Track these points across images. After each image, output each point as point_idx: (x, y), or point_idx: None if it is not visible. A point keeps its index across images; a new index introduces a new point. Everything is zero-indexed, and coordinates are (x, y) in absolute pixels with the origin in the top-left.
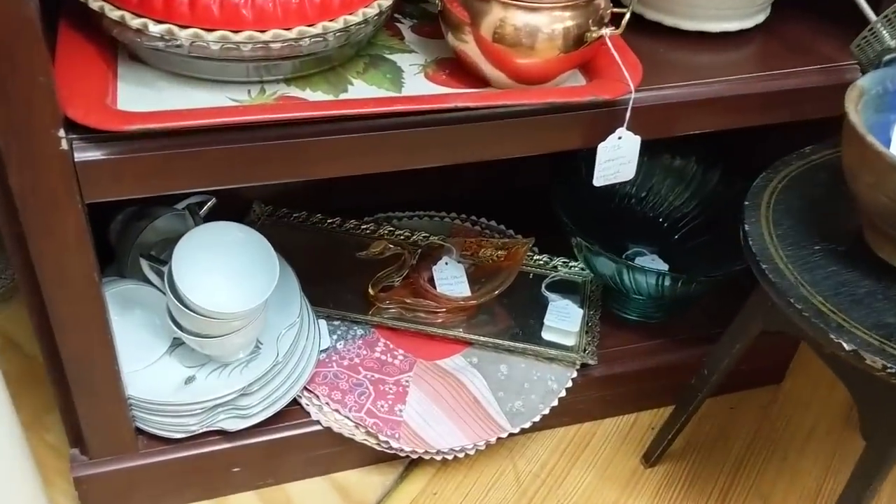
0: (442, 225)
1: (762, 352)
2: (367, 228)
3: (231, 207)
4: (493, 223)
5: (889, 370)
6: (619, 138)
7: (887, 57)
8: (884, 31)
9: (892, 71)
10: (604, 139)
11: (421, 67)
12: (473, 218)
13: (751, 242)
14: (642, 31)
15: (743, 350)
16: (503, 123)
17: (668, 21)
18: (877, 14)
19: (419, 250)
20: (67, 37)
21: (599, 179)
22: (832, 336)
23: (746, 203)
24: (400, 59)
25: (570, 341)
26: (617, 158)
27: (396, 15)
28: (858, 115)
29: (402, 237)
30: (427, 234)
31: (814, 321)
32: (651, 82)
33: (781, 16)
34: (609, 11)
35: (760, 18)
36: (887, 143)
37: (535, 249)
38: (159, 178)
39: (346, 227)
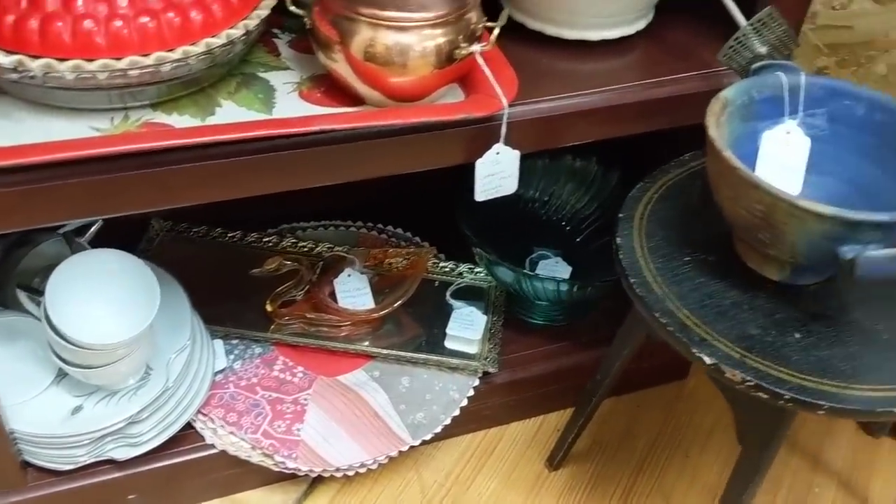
0: (348, 234)
1: (664, 348)
2: (269, 241)
3: (128, 225)
4: (399, 231)
5: (748, 383)
6: (497, 153)
7: (756, 65)
8: (753, 39)
9: (758, 80)
10: (481, 155)
11: (296, 86)
12: (380, 226)
13: (621, 256)
14: (525, 40)
15: (633, 354)
16: (377, 142)
17: (550, 30)
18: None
19: (321, 262)
20: None
21: (481, 195)
22: (694, 350)
23: (621, 215)
24: (274, 77)
25: (472, 349)
26: (497, 173)
27: (274, 29)
28: (720, 128)
29: (304, 249)
30: (331, 245)
31: (677, 335)
32: (530, 95)
33: (663, 21)
34: (482, 26)
35: (642, 25)
36: (755, 151)
37: (441, 256)
38: (18, 214)
39: (247, 240)
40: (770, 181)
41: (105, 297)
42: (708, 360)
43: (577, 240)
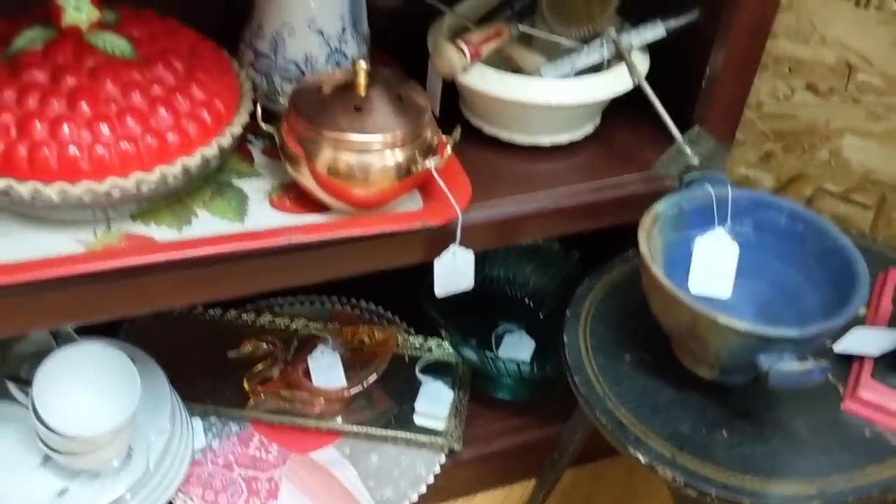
0: (322, 309)
1: None
2: (247, 318)
3: None
4: (371, 305)
5: (678, 482)
6: (454, 254)
7: (687, 176)
8: (686, 151)
9: (688, 193)
10: (439, 255)
11: (266, 193)
12: (353, 301)
13: (567, 354)
14: (481, 143)
15: (585, 436)
16: (341, 248)
17: (504, 135)
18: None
19: (295, 340)
20: None
21: (440, 290)
22: (630, 449)
23: (567, 312)
24: (247, 184)
25: (440, 425)
26: (454, 272)
27: (249, 135)
28: (651, 240)
29: (281, 326)
30: (306, 322)
31: (615, 435)
32: (484, 197)
33: (610, 124)
34: (437, 140)
35: (590, 129)
36: (688, 255)
37: (411, 330)
38: (3, 324)
39: (226, 317)
40: (702, 284)
41: (89, 389)
42: (643, 459)
43: (541, 315)
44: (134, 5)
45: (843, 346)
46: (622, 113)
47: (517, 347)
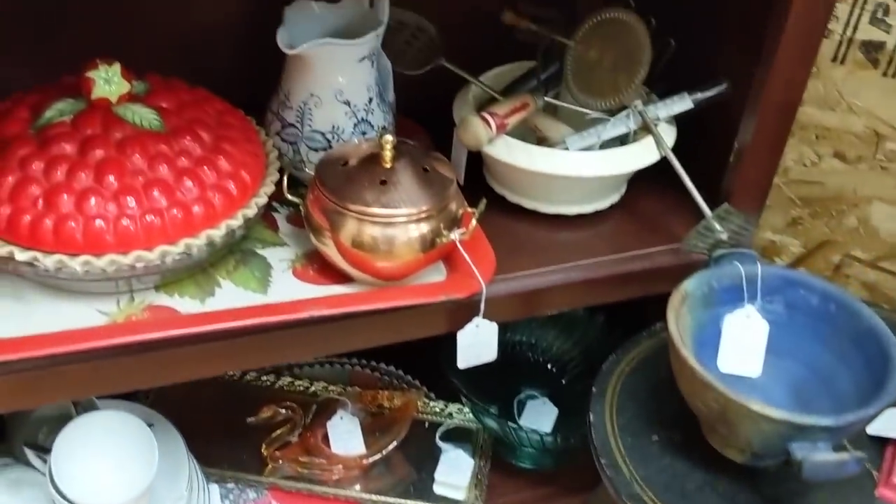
0: (342, 372)
1: None
2: (267, 380)
3: None
4: (391, 368)
5: None
6: (477, 326)
7: (716, 253)
8: (715, 228)
9: (717, 271)
10: (462, 327)
11: (290, 263)
12: (372, 363)
13: (593, 434)
14: (504, 211)
15: None
16: (364, 319)
17: (528, 204)
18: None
19: (314, 406)
20: None
21: (463, 363)
22: None
23: (594, 390)
24: (271, 253)
25: (460, 495)
26: (477, 344)
27: (274, 203)
28: (680, 320)
29: (300, 388)
30: (325, 385)
31: None
32: (508, 269)
33: (637, 192)
34: (462, 211)
35: (616, 198)
36: (718, 333)
37: (432, 395)
38: (24, 396)
39: (245, 379)
40: (732, 363)
41: (107, 458)
42: None
43: (564, 381)
44: (165, 73)
45: (876, 428)
46: (648, 180)
47: (540, 415)
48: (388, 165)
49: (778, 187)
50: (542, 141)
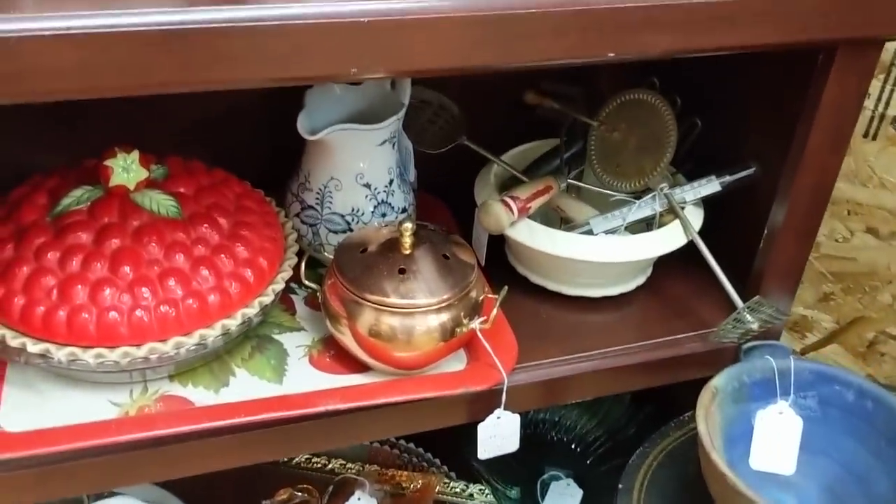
0: (360, 448)
1: None
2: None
3: None
4: (411, 446)
5: None
6: (498, 418)
7: (747, 345)
8: (746, 318)
9: (748, 365)
10: (483, 418)
11: (306, 349)
12: (392, 440)
13: None
14: (527, 292)
15: None
16: (382, 410)
17: (551, 286)
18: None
19: (332, 486)
20: None
21: (483, 454)
22: None
23: (620, 486)
24: (287, 339)
25: None
26: (498, 435)
27: (292, 284)
28: (710, 417)
29: (317, 465)
30: (344, 462)
31: None
32: (530, 357)
33: (663, 273)
34: (483, 297)
35: (641, 280)
36: (749, 430)
37: (452, 475)
38: (31, 492)
39: None
40: (765, 460)
41: None
42: None
43: (589, 461)
44: (186, 151)
45: None
46: (675, 260)
47: (564, 496)
48: (407, 252)
49: (809, 262)
50: (566, 221)
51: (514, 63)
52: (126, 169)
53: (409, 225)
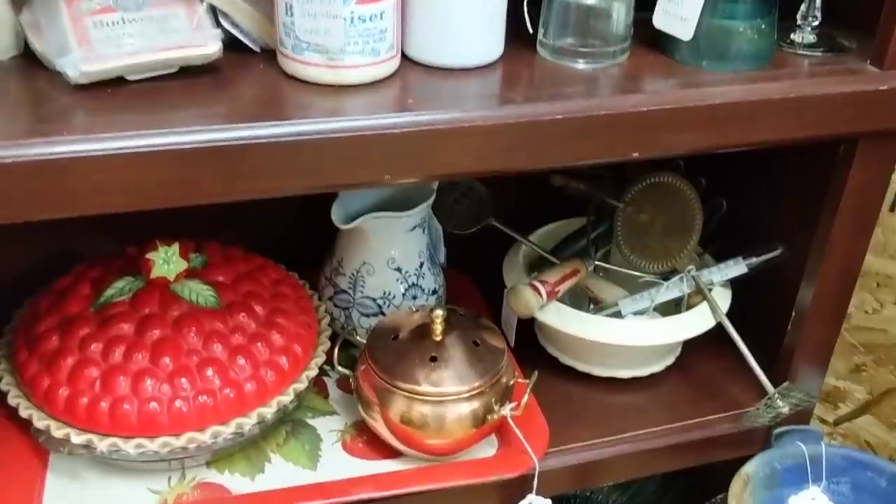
0: None
1: None
2: None
3: None
4: None
5: None
6: (530, 503)
7: (778, 430)
8: (777, 403)
9: (779, 451)
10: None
11: (339, 434)
12: None
13: None
14: (557, 373)
15: None
16: (414, 497)
17: (581, 367)
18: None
19: None
20: None
21: None
22: None
23: None
24: (321, 423)
25: None
26: None
27: (325, 366)
28: None
29: None
30: None
31: None
32: (561, 440)
33: (692, 354)
34: (514, 382)
35: (671, 360)
36: None
37: None
38: None
39: None
40: None
41: None
42: None
43: None
44: (222, 235)
45: None
46: (704, 340)
47: None
48: (438, 339)
49: (841, 334)
50: (594, 301)
51: (543, 165)
52: (166, 261)
53: (440, 312)
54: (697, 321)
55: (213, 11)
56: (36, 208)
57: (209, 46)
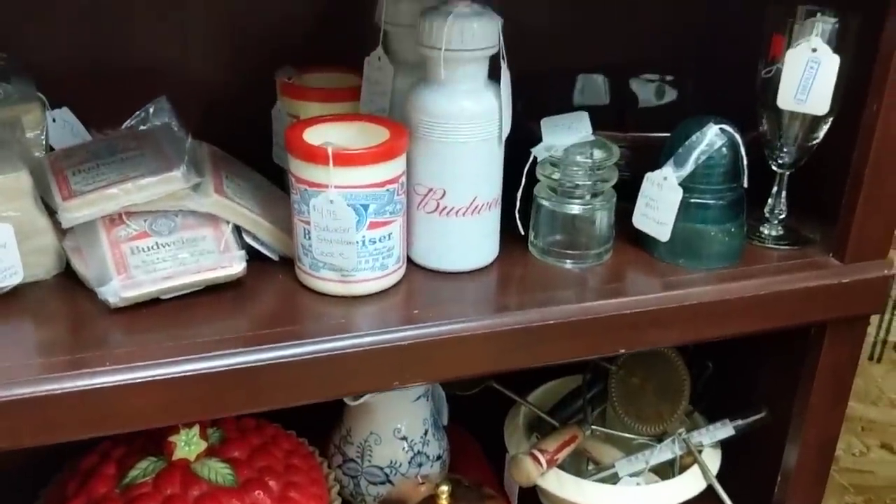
0: None
1: None
2: None
3: None
4: None
5: None
6: None
7: None
8: None
9: None
10: None
11: None
12: None
13: None
14: None
15: None
16: None
17: None
18: None
19: None
20: None
21: None
22: None
23: None
24: None
25: None
26: None
27: None
28: None
29: None
30: None
31: None
32: None
33: None
34: None
35: None
36: None
37: None
38: None
39: None
40: None
41: None
42: None
43: None
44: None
45: None
46: (696, 500)
47: None
48: None
49: (831, 475)
50: (592, 461)
51: (537, 363)
52: (187, 443)
53: (445, 488)
54: (689, 485)
55: (237, 228)
56: (83, 429)
57: (234, 267)
